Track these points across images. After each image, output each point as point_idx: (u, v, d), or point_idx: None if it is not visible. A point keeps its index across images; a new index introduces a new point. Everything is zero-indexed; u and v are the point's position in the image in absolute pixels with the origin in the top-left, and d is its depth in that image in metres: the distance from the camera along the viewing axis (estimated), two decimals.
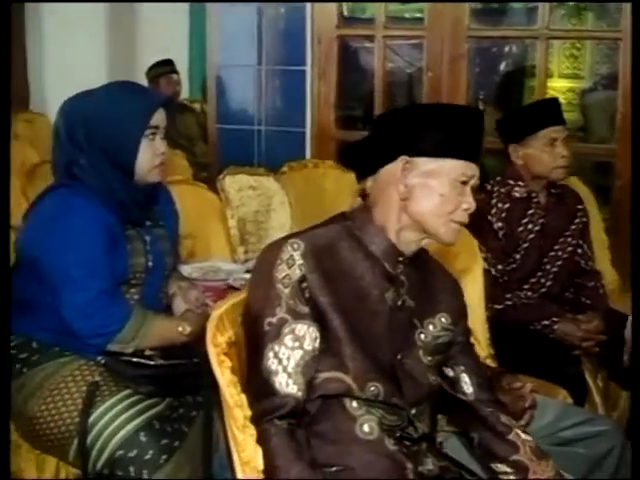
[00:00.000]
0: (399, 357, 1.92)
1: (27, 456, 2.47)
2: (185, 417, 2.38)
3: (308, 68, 5.01)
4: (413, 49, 6.61)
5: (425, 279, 2.04)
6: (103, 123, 2.41)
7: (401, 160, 1.92)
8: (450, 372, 2.05)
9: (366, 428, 1.85)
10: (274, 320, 1.83)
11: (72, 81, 3.48)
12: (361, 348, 1.86)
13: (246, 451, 1.78)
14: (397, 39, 5.58)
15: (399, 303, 1.95)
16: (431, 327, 2.00)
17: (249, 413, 1.81)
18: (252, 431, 1.79)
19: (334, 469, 1.82)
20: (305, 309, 1.83)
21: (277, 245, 1.90)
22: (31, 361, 2.42)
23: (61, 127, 2.46)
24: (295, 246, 1.86)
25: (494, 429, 2.00)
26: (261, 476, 1.77)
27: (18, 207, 3.62)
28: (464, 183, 1.93)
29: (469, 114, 2.00)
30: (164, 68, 6.17)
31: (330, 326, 1.85)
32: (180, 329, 2.47)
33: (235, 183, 3.91)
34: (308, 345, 1.83)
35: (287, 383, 1.81)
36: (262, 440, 1.77)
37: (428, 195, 1.92)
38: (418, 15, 6.88)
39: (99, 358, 2.41)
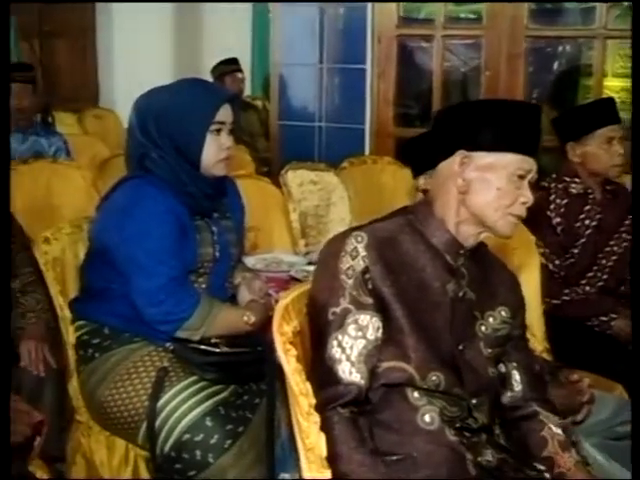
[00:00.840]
0: (460, 348, 1.94)
1: (97, 437, 2.53)
2: (249, 404, 2.42)
3: (368, 66, 5.05)
4: (468, 48, 6.59)
5: (485, 272, 2.06)
6: (172, 117, 2.46)
7: (459, 155, 1.94)
8: (502, 368, 2.06)
9: (427, 418, 1.87)
10: (338, 310, 1.87)
11: (140, 80, 3.58)
12: (423, 338, 1.88)
13: (310, 438, 1.80)
14: (453, 39, 5.61)
15: (460, 295, 1.97)
16: (491, 319, 2.01)
17: (313, 401, 1.83)
18: (316, 418, 1.80)
19: (395, 458, 1.84)
20: (368, 300, 1.87)
21: (341, 237, 1.93)
22: (103, 346, 2.48)
23: (135, 121, 2.52)
24: (359, 238, 1.89)
25: (531, 427, 2.02)
26: (324, 462, 1.79)
27: (90, 199, 3.75)
28: (522, 177, 1.94)
29: (527, 109, 2.01)
30: (229, 66, 6.20)
31: (392, 316, 1.88)
32: (245, 318, 2.50)
33: (297, 178, 3.97)
34: (371, 335, 1.86)
35: (350, 371, 1.84)
36: (325, 428, 1.79)
37: (486, 189, 1.94)
38: (471, 16, 6.89)
39: (168, 344, 2.46)
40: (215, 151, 2.50)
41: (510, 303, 2.07)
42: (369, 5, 4.96)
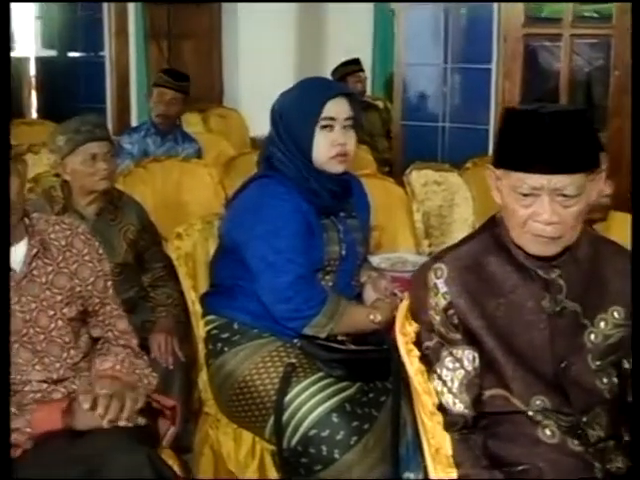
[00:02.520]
0: (563, 365, 1.87)
1: (225, 430, 2.57)
2: (375, 401, 2.42)
3: (493, 66, 5.01)
4: (591, 48, 6.47)
5: (592, 270, 1.93)
6: (290, 115, 2.51)
7: (488, 169, 1.90)
8: (626, 364, 1.93)
9: (548, 432, 1.84)
10: (431, 344, 1.89)
11: (263, 80, 3.63)
12: (520, 364, 1.85)
13: (435, 437, 1.83)
14: (578, 38, 5.52)
15: (557, 309, 1.88)
16: (602, 324, 1.90)
17: (437, 400, 1.85)
18: (439, 418, 1.83)
19: (520, 468, 1.82)
20: (457, 335, 1.86)
21: (426, 269, 1.90)
22: (232, 341, 2.51)
23: (270, 122, 2.57)
24: (438, 272, 1.87)
25: None
26: (450, 462, 1.81)
27: (217, 196, 3.84)
28: (532, 195, 1.77)
29: (528, 120, 1.81)
30: (351, 67, 6.19)
31: (485, 348, 1.85)
32: (371, 317, 2.49)
33: (421, 178, 3.97)
34: (468, 365, 1.86)
35: (454, 402, 1.85)
36: None
37: (504, 207, 1.86)
38: (595, 15, 6.76)
39: (295, 341, 2.49)
40: (326, 147, 2.50)
41: (625, 298, 1.90)
42: (495, 4, 4.91)
